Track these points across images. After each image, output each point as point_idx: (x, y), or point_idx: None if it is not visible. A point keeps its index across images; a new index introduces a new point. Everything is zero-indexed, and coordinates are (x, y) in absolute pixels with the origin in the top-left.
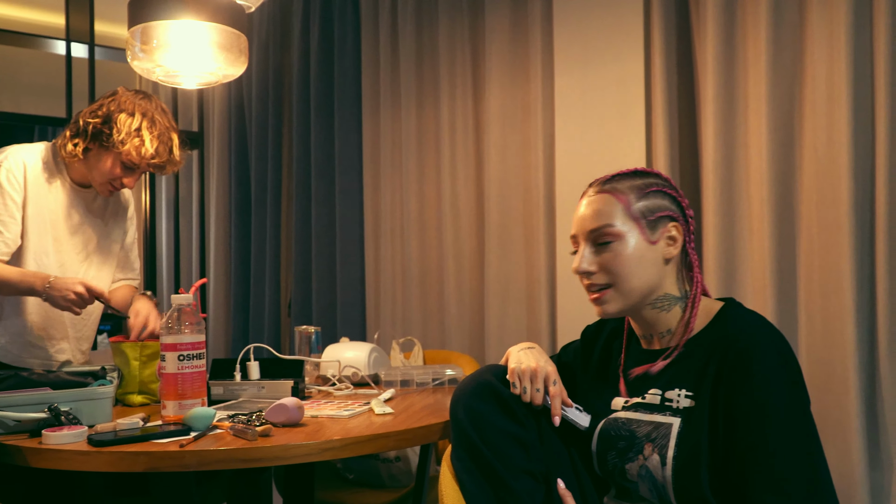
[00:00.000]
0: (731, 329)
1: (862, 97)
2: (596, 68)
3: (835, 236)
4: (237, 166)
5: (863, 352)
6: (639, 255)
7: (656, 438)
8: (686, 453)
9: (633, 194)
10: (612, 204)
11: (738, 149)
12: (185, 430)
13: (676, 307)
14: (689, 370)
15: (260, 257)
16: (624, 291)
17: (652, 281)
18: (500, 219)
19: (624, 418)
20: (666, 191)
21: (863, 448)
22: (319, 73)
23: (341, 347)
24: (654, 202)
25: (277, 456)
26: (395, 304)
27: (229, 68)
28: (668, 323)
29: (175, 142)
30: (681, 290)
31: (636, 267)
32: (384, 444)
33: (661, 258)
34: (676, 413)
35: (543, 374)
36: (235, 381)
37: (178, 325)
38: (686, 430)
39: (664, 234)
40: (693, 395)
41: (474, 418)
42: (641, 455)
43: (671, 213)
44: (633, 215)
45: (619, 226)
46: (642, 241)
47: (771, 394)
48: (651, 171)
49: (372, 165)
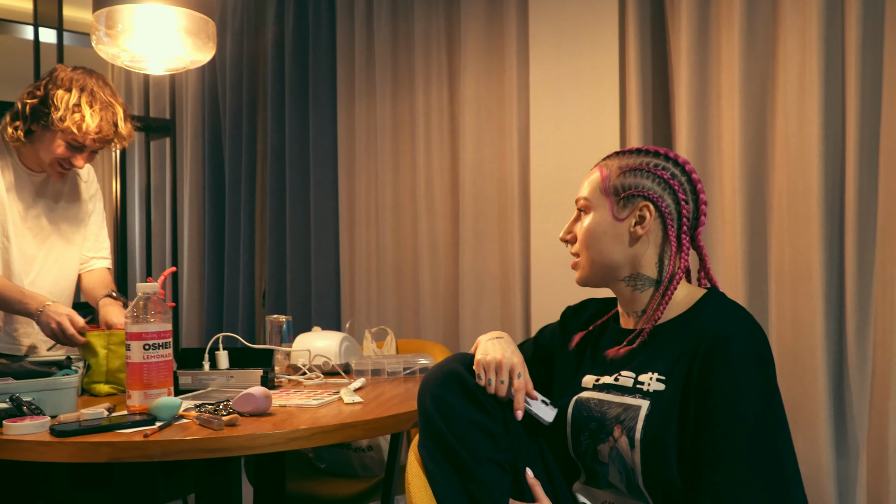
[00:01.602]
0: (708, 317)
1: (833, 90)
2: (571, 59)
3: (805, 227)
4: (211, 155)
5: (831, 341)
6: (601, 230)
7: (625, 420)
8: (652, 436)
9: (615, 171)
10: (596, 178)
11: (711, 140)
12: (150, 419)
13: (650, 289)
14: (665, 354)
15: (234, 247)
16: (585, 261)
17: (615, 257)
18: (475, 208)
19: (596, 399)
20: (655, 172)
21: (830, 437)
22: (294, 62)
23: (312, 337)
24: (631, 180)
25: (244, 446)
26: (370, 295)
27: (197, 54)
28: (643, 303)
29: (120, 115)
30: (659, 272)
31: (596, 240)
32: (352, 434)
33: (625, 235)
34: (646, 396)
35: (508, 366)
36: (204, 371)
37: (144, 313)
38: (653, 414)
39: (633, 213)
40: (665, 379)
41: (441, 407)
42: (611, 437)
43: (647, 192)
44: (606, 190)
45: (591, 199)
46: (608, 215)
47: (741, 385)
48: (657, 151)
49: (347, 155)
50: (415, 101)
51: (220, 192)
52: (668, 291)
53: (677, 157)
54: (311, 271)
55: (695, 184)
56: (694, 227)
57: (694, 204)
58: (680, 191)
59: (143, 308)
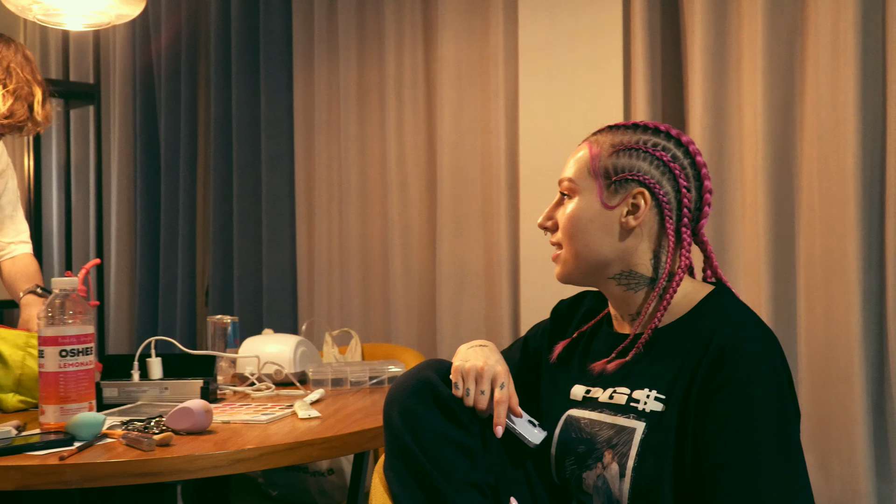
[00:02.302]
0: (710, 323)
1: (872, 51)
2: (566, 14)
3: (839, 211)
4: (143, 127)
5: (869, 345)
6: (587, 218)
7: (617, 445)
8: (648, 465)
9: (607, 149)
10: (584, 156)
11: (730, 110)
12: (67, 439)
13: (645, 289)
14: (664, 367)
15: (171, 235)
16: (568, 255)
17: (601, 251)
18: (455, 190)
19: (587, 419)
20: (653, 152)
21: (869, 456)
22: (242, 16)
23: (262, 341)
24: (625, 161)
25: (179, 469)
26: (332, 291)
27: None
28: (637, 305)
29: (37, 97)
30: (655, 270)
31: (581, 230)
32: (308, 454)
33: (616, 226)
34: (641, 416)
35: (491, 375)
36: (133, 382)
37: (61, 314)
38: (650, 439)
39: (626, 200)
40: (665, 398)
41: (410, 422)
42: (600, 463)
43: (644, 178)
44: (595, 172)
45: (577, 180)
46: (595, 202)
47: (752, 405)
48: (657, 127)
49: (304, 128)
50: (384, 64)
51: (154, 170)
52: (666, 294)
53: (680, 136)
54: (262, 263)
55: (699, 168)
56: (696, 220)
57: (697, 192)
58: (681, 176)
59: (60, 307)
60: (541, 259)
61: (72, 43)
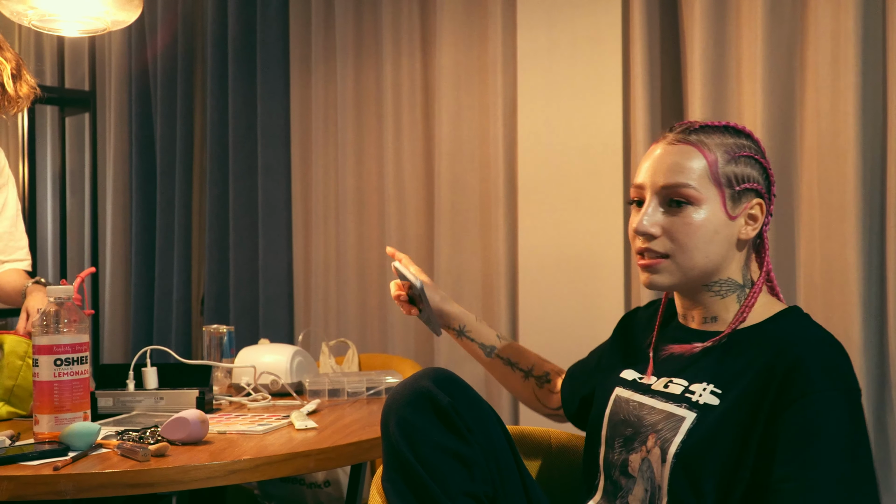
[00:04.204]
0: (788, 335)
1: (872, 59)
2: (565, 22)
3: (839, 221)
4: (139, 135)
5: (870, 359)
6: (713, 229)
7: (662, 430)
8: (691, 453)
9: (722, 154)
10: (697, 159)
11: (729, 116)
12: (61, 449)
13: (733, 296)
14: (726, 365)
15: (167, 244)
16: (684, 266)
17: (718, 261)
18: (453, 199)
19: (636, 401)
20: (758, 158)
21: None
22: (239, 25)
23: (259, 350)
24: (743, 170)
25: (174, 480)
26: (329, 301)
27: (119, 13)
28: (718, 310)
29: (6, 71)
30: (745, 277)
31: (707, 242)
32: (304, 465)
33: (735, 237)
34: (693, 407)
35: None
36: (128, 391)
37: (56, 323)
38: (698, 429)
39: (746, 211)
40: (721, 392)
41: (408, 432)
42: (644, 446)
43: (759, 187)
44: (717, 180)
45: (699, 188)
46: (721, 212)
47: (826, 421)
48: (742, 128)
49: (301, 136)
50: (382, 71)
51: (150, 178)
52: (751, 300)
53: (752, 135)
54: (258, 273)
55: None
56: None
57: None
58: (773, 184)
59: (55, 316)
60: (538, 269)
61: (67, 49)
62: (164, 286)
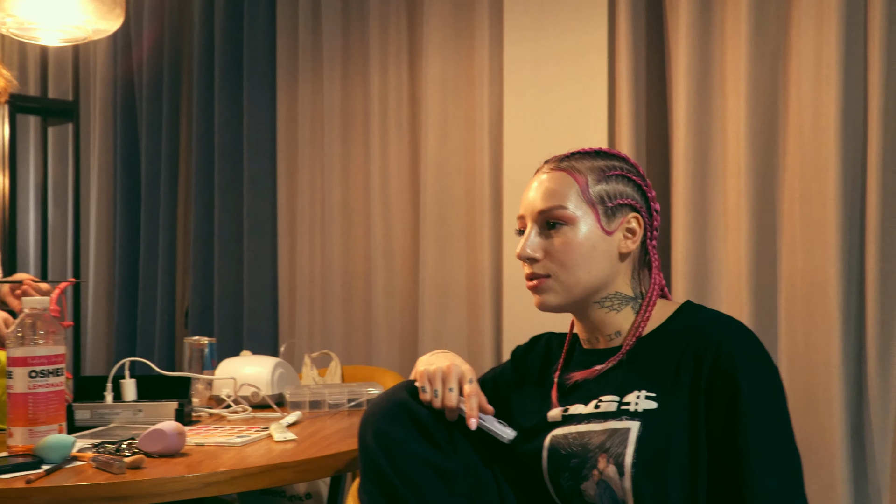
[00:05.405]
0: (699, 319)
1: (854, 75)
2: (551, 35)
3: (821, 235)
4: (124, 146)
5: (849, 369)
6: (590, 245)
7: (611, 447)
8: (647, 459)
9: (592, 175)
10: (568, 184)
11: (713, 132)
12: (35, 462)
13: (628, 308)
14: (650, 370)
15: (151, 256)
16: (568, 283)
17: (601, 276)
18: (439, 211)
19: (574, 433)
20: (631, 177)
21: (848, 480)
22: (226, 36)
23: (240, 362)
24: (615, 187)
25: (150, 492)
26: (314, 313)
27: (101, 22)
28: (617, 325)
29: None
30: (635, 290)
31: (585, 258)
32: (282, 477)
33: (615, 251)
34: (635, 416)
35: (458, 374)
36: (106, 404)
37: (32, 334)
38: (647, 435)
39: (622, 225)
40: (656, 395)
41: (386, 444)
42: (596, 470)
43: (633, 202)
44: (589, 199)
45: (572, 209)
46: (597, 229)
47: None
48: (615, 152)
49: (287, 147)
50: (369, 84)
51: (134, 189)
52: (647, 309)
53: (627, 157)
54: (243, 285)
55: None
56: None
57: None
58: (652, 199)
59: (31, 327)
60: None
61: (51, 59)
62: (147, 298)
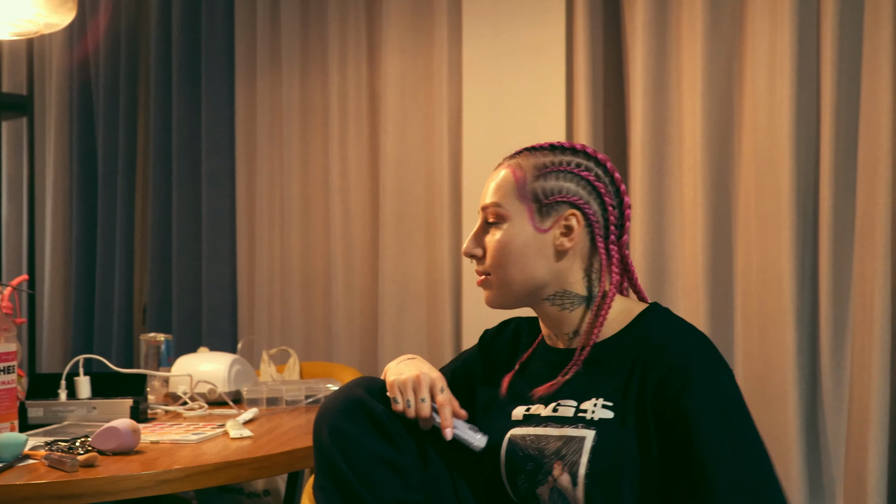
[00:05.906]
0: (654, 332)
1: (807, 73)
2: (510, 32)
3: (775, 231)
4: (80, 140)
5: (803, 363)
6: (520, 243)
7: (566, 455)
8: (600, 471)
9: (532, 172)
10: (507, 181)
11: (669, 128)
12: None
13: (580, 308)
14: (610, 377)
15: (108, 252)
16: (503, 281)
17: (538, 274)
18: (398, 206)
19: (532, 435)
20: (578, 173)
21: (803, 472)
22: (183, 28)
23: (196, 359)
24: (553, 184)
25: (103, 490)
26: (273, 310)
27: (52, 16)
28: (573, 324)
29: None
30: (591, 289)
31: (515, 256)
32: (237, 474)
33: (550, 249)
34: (590, 425)
35: (428, 383)
36: (60, 401)
37: None
38: (601, 445)
39: (558, 223)
40: (612, 405)
41: (340, 440)
42: (551, 476)
43: (574, 199)
44: (523, 195)
45: (506, 206)
46: (528, 226)
47: (723, 400)
48: (572, 146)
49: (246, 143)
50: (328, 79)
51: (91, 185)
52: (601, 311)
53: (596, 154)
54: (202, 281)
55: (618, 185)
56: (619, 236)
57: (619, 209)
58: (606, 194)
59: None
60: None
61: (5, 52)
62: (105, 294)
